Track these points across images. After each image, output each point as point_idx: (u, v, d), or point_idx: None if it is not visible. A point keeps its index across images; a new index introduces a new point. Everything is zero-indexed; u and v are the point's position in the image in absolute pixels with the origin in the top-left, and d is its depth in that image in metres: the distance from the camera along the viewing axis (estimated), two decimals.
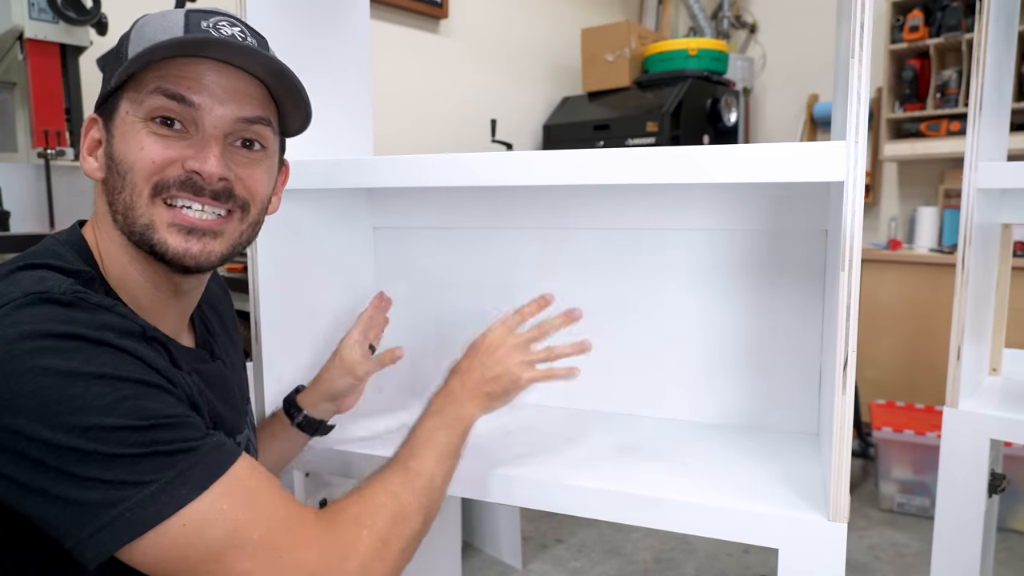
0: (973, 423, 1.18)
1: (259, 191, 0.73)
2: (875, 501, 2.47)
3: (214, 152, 0.67)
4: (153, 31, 0.67)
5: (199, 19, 0.67)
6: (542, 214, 1.20)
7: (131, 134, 0.66)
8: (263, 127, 0.71)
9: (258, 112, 0.70)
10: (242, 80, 0.69)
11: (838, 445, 0.75)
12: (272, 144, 0.74)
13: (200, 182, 0.67)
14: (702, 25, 3.71)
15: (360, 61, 1.25)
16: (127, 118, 0.67)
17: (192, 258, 0.68)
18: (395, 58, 2.72)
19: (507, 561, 2.07)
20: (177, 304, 0.75)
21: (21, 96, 1.68)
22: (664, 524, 0.85)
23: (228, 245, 0.71)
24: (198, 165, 0.66)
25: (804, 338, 1.07)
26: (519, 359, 0.86)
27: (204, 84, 0.66)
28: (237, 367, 0.88)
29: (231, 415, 0.79)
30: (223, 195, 0.68)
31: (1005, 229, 1.38)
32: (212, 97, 0.67)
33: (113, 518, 0.55)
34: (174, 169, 0.66)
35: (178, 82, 0.66)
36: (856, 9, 0.71)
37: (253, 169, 0.71)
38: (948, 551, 1.22)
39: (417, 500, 0.73)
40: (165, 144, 0.66)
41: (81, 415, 0.54)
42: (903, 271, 2.90)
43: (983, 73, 1.16)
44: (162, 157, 0.66)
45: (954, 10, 2.85)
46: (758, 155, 0.78)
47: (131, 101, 0.67)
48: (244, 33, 0.69)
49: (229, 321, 0.93)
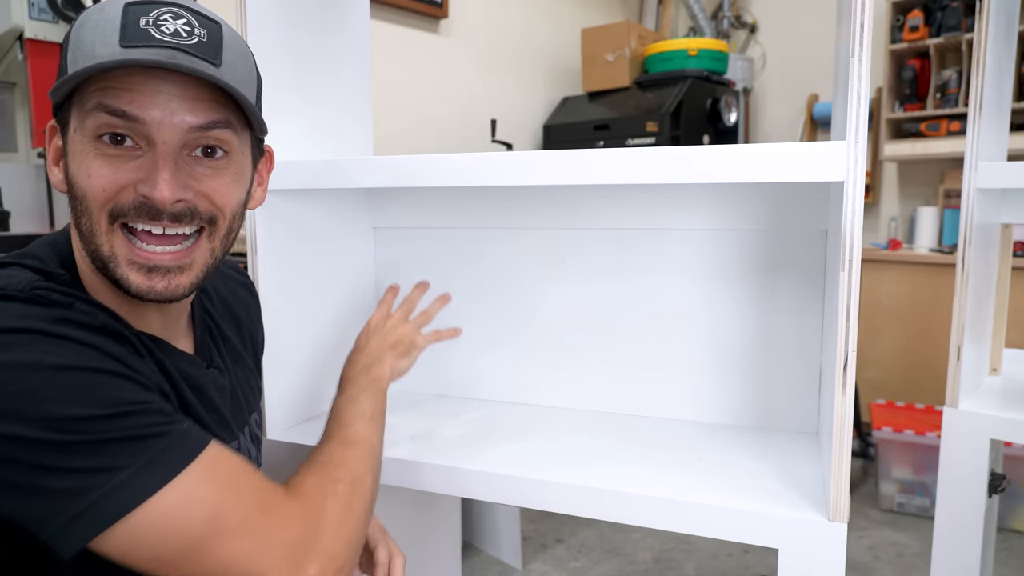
0: (973, 423, 1.18)
1: (227, 202, 0.67)
2: (875, 501, 2.47)
3: (163, 176, 0.61)
4: (92, 35, 0.60)
5: (138, 16, 0.60)
6: (542, 214, 1.20)
7: (80, 156, 0.62)
8: (221, 130, 0.65)
9: (212, 116, 0.63)
10: (191, 84, 0.62)
11: (838, 445, 0.75)
12: (236, 145, 0.67)
13: (156, 206, 0.62)
14: (702, 25, 3.71)
15: (360, 61, 1.25)
16: (75, 137, 0.62)
17: (157, 294, 0.65)
18: (395, 58, 2.72)
19: (507, 561, 2.07)
20: (158, 315, 0.72)
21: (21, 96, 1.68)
22: (664, 524, 0.85)
23: (197, 273, 0.67)
24: (148, 190, 0.61)
25: (804, 338, 1.07)
26: (409, 327, 0.99)
27: (148, 95, 0.60)
28: (241, 376, 0.86)
29: (217, 424, 0.77)
30: (184, 216, 0.64)
31: (1005, 229, 1.38)
32: (159, 108, 0.61)
33: (86, 507, 0.55)
34: (127, 194, 0.62)
35: (119, 96, 0.60)
36: (856, 9, 0.71)
37: (217, 180, 0.66)
38: (948, 551, 1.22)
39: (364, 465, 0.77)
40: (114, 168, 0.61)
41: (46, 407, 0.54)
42: (903, 271, 2.90)
43: (983, 73, 1.16)
44: (111, 184, 0.61)
45: (954, 10, 2.85)
46: (758, 155, 0.78)
47: (77, 118, 0.62)
48: (191, 25, 0.62)
49: (247, 327, 0.91)
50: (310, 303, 1.15)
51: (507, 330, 1.26)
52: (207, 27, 0.63)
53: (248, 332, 0.92)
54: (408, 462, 0.98)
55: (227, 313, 0.88)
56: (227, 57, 0.64)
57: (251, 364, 0.91)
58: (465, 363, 1.29)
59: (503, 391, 1.27)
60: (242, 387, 0.86)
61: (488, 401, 1.27)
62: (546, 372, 1.24)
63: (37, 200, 1.64)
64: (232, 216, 0.69)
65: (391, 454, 1.00)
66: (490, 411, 1.21)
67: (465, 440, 1.06)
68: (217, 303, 0.87)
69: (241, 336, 0.89)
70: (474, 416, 1.19)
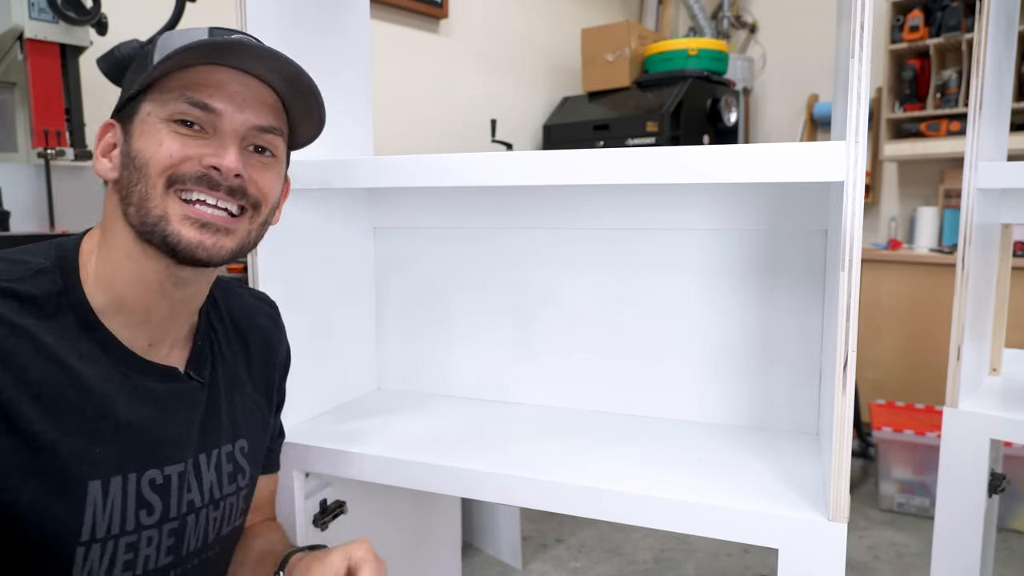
0: (973, 423, 1.18)
1: (270, 193, 0.75)
2: (875, 501, 2.47)
3: (232, 150, 0.69)
4: (179, 41, 0.69)
5: (222, 33, 0.71)
6: (542, 214, 1.20)
7: (151, 132, 0.69)
8: (275, 136, 0.74)
9: (271, 121, 0.73)
10: (260, 89, 0.72)
11: (838, 445, 0.75)
12: (281, 153, 0.77)
13: (217, 177, 0.69)
14: (702, 25, 3.71)
15: (360, 61, 1.25)
16: (148, 119, 0.69)
17: (204, 250, 0.69)
18: (395, 58, 2.72)
19: (507, 561, 2.07)
20: (168, 306, 0.73)
21: (21, 96, 1.68)
22: (664, 524, 0.85)
23: (238, 242, 0.72)
24: (216, 160, 0.69)
25: (804, 338, 1.07)
26: None
27: (225, 91, 0.70)
28: (237, 402, 0.84)
29: (172, 439, 0.74)
30: (238, 192, 0.71)
31: (1005, 229, 1.38)
32: (232, 103, 0.70)
33: None
34: (191, 165, 0.68)
35: (201, 90, 0.69)
36: (856, 9, 0.71)
37: (265, 172, 0.74)
38: (948, 551, 1.22)
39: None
40: (184, 142, 0.68)
41: None
42: (903, 271, 2.90)
43: (983, 73, 1.16)
44: (180, 153, 0.68)
45: (954, 10, 2.85)
46: (758, 155, 0.78)
47: (154, 103, 0.69)
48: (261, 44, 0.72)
49: (260, 356, 0.89)
50: (310, 303, 1.15)
51: (507, 330, 1.26)
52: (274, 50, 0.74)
53: (261, 362, 0.90)
54: (408, 462, 0.98)
55: (237, 338, 0.87)
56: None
57: (255, 394, 0.88)
58: (465, 363, 1.29)
59: (503, 391, 1.27)
60: (232, 412, 0.83)
61: (488, 401, 1.27)
62: (546, 372, 1.24)
63: (37, 200, 1.63)
64: (270, 208, 0.76)
65: (391, 454, 1.00)
66: (490, 411, 1.21)
67: (465, 440, 1.06)
68: (228, 326, 0.86)
69: (248, 364, 0.87)
70: (474, 416, 1.19)
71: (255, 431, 0.87)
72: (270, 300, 0.97)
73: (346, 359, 1.27)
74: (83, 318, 0.69)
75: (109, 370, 0.69)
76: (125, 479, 0.69)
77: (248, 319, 0.89)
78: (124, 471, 0.69)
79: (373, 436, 1.08)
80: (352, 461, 1.02)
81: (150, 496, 0.72)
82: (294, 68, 0.72)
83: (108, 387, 0.69)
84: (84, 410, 0.67)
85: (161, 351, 0.75)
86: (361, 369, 1.32)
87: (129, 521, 0.70)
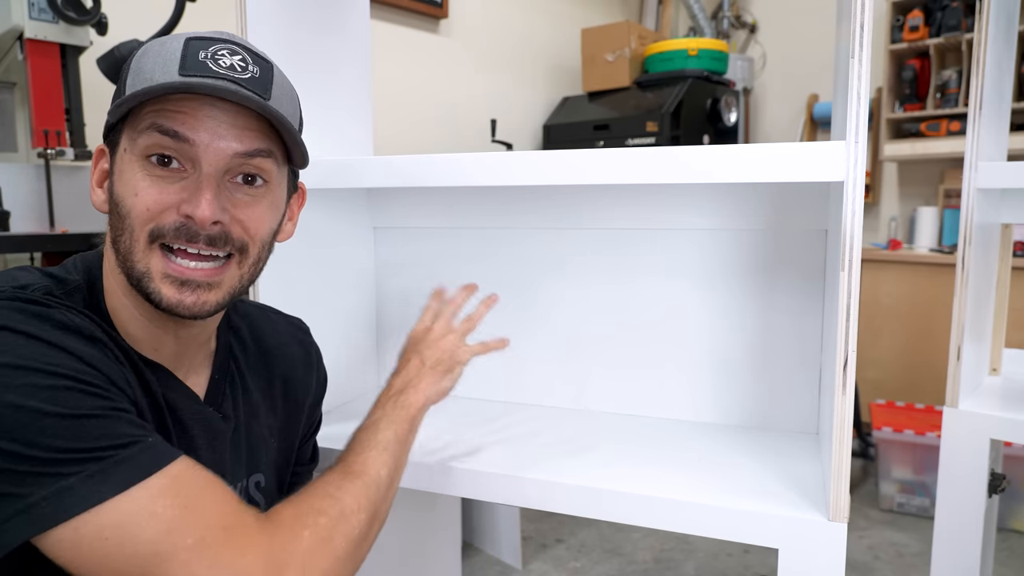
0: (973, 423, 1.18)
1: (259, 231, 0.70)
2: (875, 501, 2.47)
3: (206, 197, 0.64)
4: (152, 64, 0.65)
5: (198, 49, 0.65)
6: (542, 214, 1.20)
7: (128, 175, 0.65)
8: (263, 159, 0.68)
9: (256, 145, 0.67)
10: (240, 113, 0.66)
11: (838, 445, 0.75)
12: (275, 176, 0.71)
13: (194, 227, 0.65)
14: (702, 25, 3.71)
15: (360, 61, 1.25)
16: (124, 156, 0.66)
17: (186, 309, 0.66)
18: (395, 58, 2.72)
19: (507, 561, 2.07)
20: (174, 340, 0.72)
21: (21, 96, 1.68)
22: (664, 524, 0.85)
23: (225, 293, 0.69)
24: (190, 209, 0.64)
25: (804, 338, 1.07)
26: (451, 340, 0.93)
27: (199, 119, 0.64)
28: (255, 432, 0.82)
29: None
30: (219, 239, 0.67)
31: (1005, 229, 1.38)
32: (208, 132, 0.65)
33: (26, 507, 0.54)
34: (169, 215, 0.65)
35: (173, 117, 0.64)
36: (856, 9, 0.71)
37: (253, 208, 0.69)
38: (948, 551, 1.22)
39: (358, 499, 0.71)
40: (160, 188, 0.65)
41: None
42: (903, 271, 2.90)
43: (983, 73, 1.16)
44: (156, 203, 0.64)
45: (954, 10, 2.85)
46: (758, 155, 0.78)
47: (128, 138, 0.66)
48: (245, 61, 0.66)
49: (281, 383, 0.87)
50: (310, 303, 1.15)
51: (507, 330, 1.25)
52: (260, 65, 0.68)
53: (282, 391, 0.87)
54: (408, 462, 0.98)
55: (261, 364, 0.84)
56: (275, 93, 0.68)
57: (270, 421, 0.84)
58: None
59: (503, 391, 1.27)
60: (250, 443, 0.81)
61: (488, 401, 1.27)
62: (546, 372, 1.24)
63: (37, 200, 1.64)
64: (262, 246, 0.72)
65: None
66: (490, 411, 1.21)
67: (465, 440, 1.06)
68: (253, 352, 0.84)
69: (269, 392, 0.85)
70: (474, 416, 1.19)
71: (270, 464, 0.84)
72: (304, 327, 0.94)
73: (346, 359, 1.27)
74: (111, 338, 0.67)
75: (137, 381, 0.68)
76: None
77: (277, 346, 0.87)
78: None
79: None
80: None
81: None
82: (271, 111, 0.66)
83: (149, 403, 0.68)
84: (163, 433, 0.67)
85: (178, 374, 0.74)
86: (361, 369, 1.32)
87: None
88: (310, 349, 0.93)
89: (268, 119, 0.67)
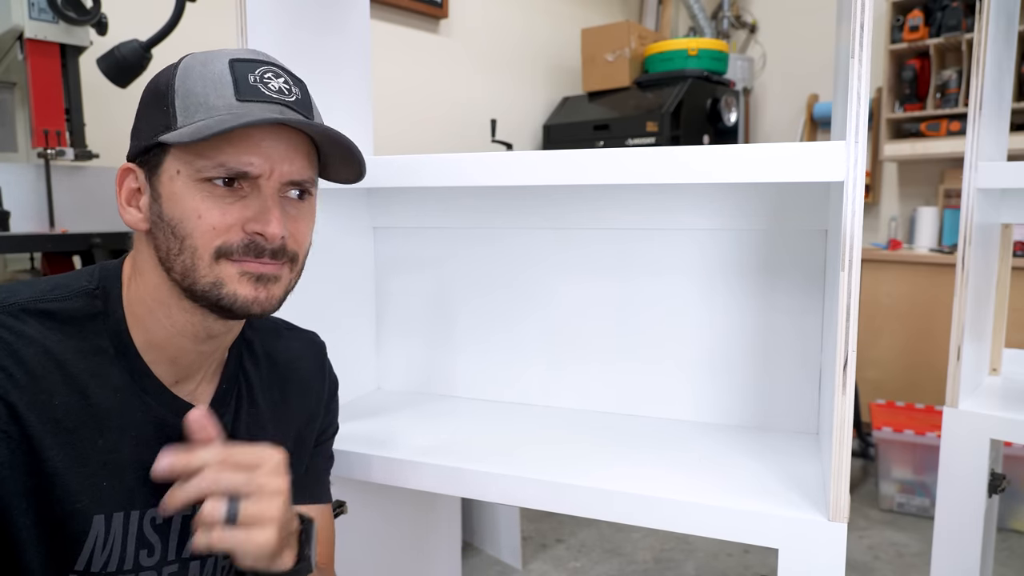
0: (973, 423, 1.18)
1: (305, 242, 0.75)
2: (875, 501, 2.47)
3: (275, 215, 0.68)
4: (204, 88, 0.66)
5: (245, 72, 0.67)
6: (542, 214, 1.20)
7: (185, 198, 0.66)
8: (309, 183, 0.73)
9: (309, 173, 0.72)
10: (293, 139, 0.70)
11: (838, 445, 0.75)
12: (315, 193, 0.76)
13: (262, 243, 0.68)
14: (702, 25, 3.71)
15: (360, 61, 1.25)
16: (177, 178, 0.66)
17: (259, 305, 0.69)
18: (395, 58, 2.72)
19: (507, 561, 2.07)
20: (197, 350, 0.73)
21: (21, 96, 1.68)
22: (664, 524, 0.85)
23: (283, 290, 0.72)
24: (260, 227, 0.67)
25: (804, 338, 1.07)
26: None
27: (261, 149, 0.67)
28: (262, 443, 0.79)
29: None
30: (280, 252, 0.70)
31: (1005, 229, 1.38)
32: (268, 160, 0.67)
33: None
34: (235, 233, 0.67)
35: (238, 157, 0.66)
36: (856, 9, 0.71)
37: (300, 222, 0.73)
38: (948, 551, 1.22)
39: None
40: (222, 209, 0.66)
41: None
42: (903, 271, 2.90)
43: (983, 73, 1.16)
44: (221, 223, 0.66)
45: (954, 10, 2.85)
46: (758, 155, 0.78)
47: (182, 162, 0.66)
48: (288, 83, 0.70)
49: (295, 399, 0.86)
50: (309, 303, 1.15)
51: (507, 330, 1.26)
52: (299, 85, 0.72)
53: (294, 407, 0.86)
54: (408, 462, 0.98)
55: (274, 381, 0.84)
56: (315, 112, 0.74)
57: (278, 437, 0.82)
58: (465, 363, 1.29)
59: (503, 391, 1.27)
60: None
61: (488, 401, 1.27)
62: (546, 372, 1.24)
63: (37, 200, 1.63)
64: (305, 254, 0.76)
65: (391, 454, 1.00)
66: (490, 411, 1.21)
67: (465, 440, 1.06)
68: (265, 368, 0.84)
69: (281, 408, 0.84)
70: (474, 416, 1.19)
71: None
72: (318, 341, 0.94)
73: (346, 359, 1.27)
74: (118, 341, 0.69)
75: (133, 401, 0.69)
76: (127, 516, 0.68)
77: (290, 363, 0.87)
78: (128, 508, 0.68)
79: (373, 436, 1.08)
80: (352, 461, 1.02)
81: (151, 536, 0.70)
82: (333, 133, 0.70)
83: (125, 421, 0.68)
84: (96, 443, 0.66)
85: (188, 387, 0.74)
86: (361, 369, 1.32)
87: (128, 560, 0.69)
88: (323, 363, 0.92)
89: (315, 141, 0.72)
